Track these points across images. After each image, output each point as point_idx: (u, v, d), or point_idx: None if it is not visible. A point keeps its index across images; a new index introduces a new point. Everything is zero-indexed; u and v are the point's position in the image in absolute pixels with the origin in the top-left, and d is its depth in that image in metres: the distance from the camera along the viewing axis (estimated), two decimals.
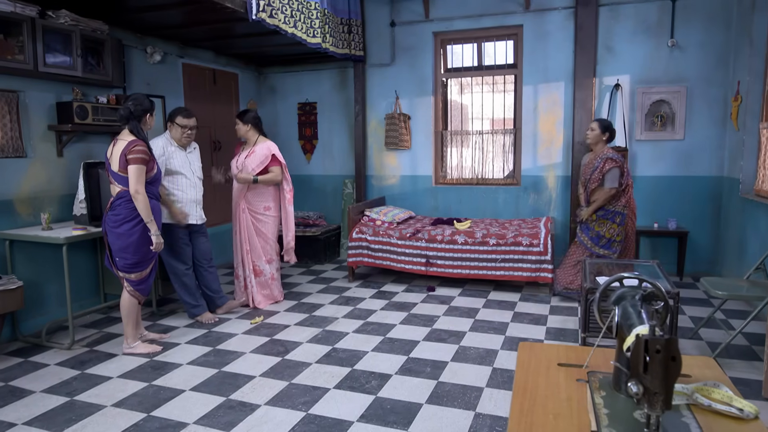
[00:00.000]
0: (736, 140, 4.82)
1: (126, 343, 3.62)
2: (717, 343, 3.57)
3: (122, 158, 3.34)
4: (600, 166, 4.24)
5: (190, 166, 4.12)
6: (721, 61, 5.10)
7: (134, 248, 3.44)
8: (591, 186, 4.29)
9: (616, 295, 1.40)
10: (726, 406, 1.25)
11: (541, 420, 1.22)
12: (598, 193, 4.28)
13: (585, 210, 4.37)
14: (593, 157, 4.35)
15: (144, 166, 3.37)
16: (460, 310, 4.46)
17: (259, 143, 4.48)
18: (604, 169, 4.21)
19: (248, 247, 4.55)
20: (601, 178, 4.24)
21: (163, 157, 3.96)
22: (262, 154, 4.44)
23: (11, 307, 3.50)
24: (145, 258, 3.51)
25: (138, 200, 3.35)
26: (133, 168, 3.33)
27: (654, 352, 1.02)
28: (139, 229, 3.42)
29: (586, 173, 4.38)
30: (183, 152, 4.12)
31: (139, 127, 3.46)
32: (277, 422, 2.68)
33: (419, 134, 6.28)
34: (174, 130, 4.04)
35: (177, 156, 4.05)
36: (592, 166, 4.31)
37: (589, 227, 4.37)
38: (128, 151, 3.34)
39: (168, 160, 3.99)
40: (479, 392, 2.96)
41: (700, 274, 5.28)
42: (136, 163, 3.33)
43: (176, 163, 4.03)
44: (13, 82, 3.84)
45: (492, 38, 6.01)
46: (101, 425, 2.69)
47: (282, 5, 4.45)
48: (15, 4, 3.62)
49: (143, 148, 3.38)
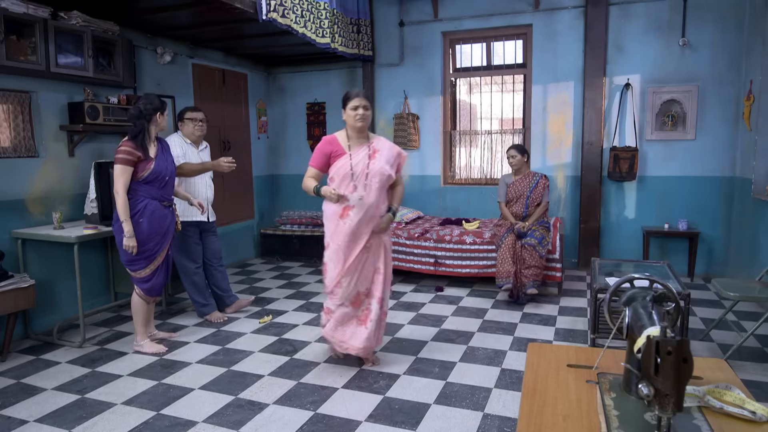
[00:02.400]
0: (748, 140, 4.77)
1: (136, 340, 3.65)
2: (728, 344, 3.54)
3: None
4: (541, 183, 4.80)
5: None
6: (733, 61, 5.04)
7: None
8: (536, 200, 4.80)
9: (627, 296, 1.39)
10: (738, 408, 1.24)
11: (551, 421, 1.22)
12: (541, 207, 4.81)
13: (527, 221, 4.77)
14: (523, 177, 4.85)
15: (126, 166, 3.35)
16: (469, 310, 4.45)
17: (374, 139, 3.23)
18: (544, 186, 4.80)
19: (382, 271, 3.26)
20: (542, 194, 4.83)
21: (181, 152, 4.01)
22: (390, 155, 3.19)
23: (23, 305, 3.53)
24: (143, 255, 3.48)
25: (116, 198, 3.37)
26: (116, 167, 3.36)
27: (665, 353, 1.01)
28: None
29: (523, 190, 4.82)
30: (196, 150, 4.16)
31: (141, 128, 3.42)
32: (285, 421, 2.69)
33: (428, 134, 6.27)
34: (186, 126, 4.11)
35: (190, 153, 4.11)
36: (528, 185, 4.81)
37: (533, 231, 4.66)
38: (115, 151, 3.37)
39: (185, 156, 4.05)
40: (488, 393, 2.95)
41: (712, 275, 5.23)
42: (118, 162, 3.35)
43: (190, 160, 4.07)
44: (25, 83, 3.88)
45: (501, 38, 5.99)
46: (111, 423, 2.71)
47: (293, 5, 4.47)
48: (27, 6, 3.65)
49: (128, 149, 3.35)
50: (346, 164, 3.10)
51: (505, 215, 4.90)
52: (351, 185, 3.08)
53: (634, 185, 5.50)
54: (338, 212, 3.11)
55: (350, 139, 3.18)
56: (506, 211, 4.89)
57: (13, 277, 3.53)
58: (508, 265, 4.52)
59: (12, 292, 3.43)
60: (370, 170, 3.10)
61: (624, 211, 5.60)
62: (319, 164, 3.17)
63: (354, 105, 3.09)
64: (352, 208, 3.07)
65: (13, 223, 3.85)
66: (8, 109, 3.82)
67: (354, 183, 3.09)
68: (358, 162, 3.11)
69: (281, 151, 7.10)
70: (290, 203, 7.08)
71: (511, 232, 4.64)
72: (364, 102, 3.10)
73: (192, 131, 4.12)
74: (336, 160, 3.13)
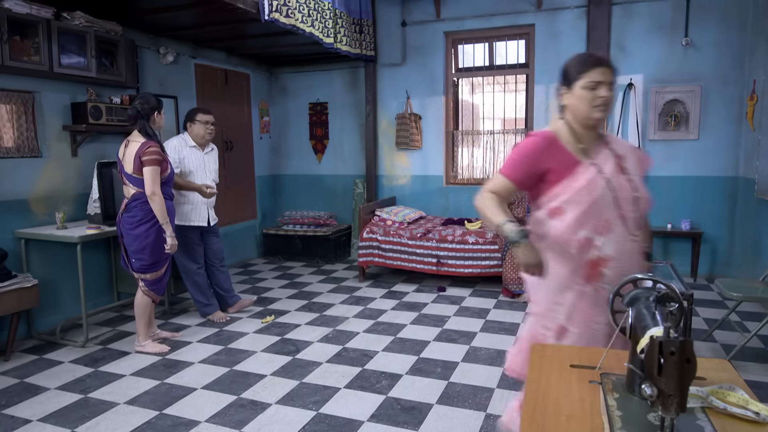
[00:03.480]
0: (751, 140, 4.75)
1: (138, 341, 3.66)
2: (731, 345, 3.53)
3: (137, 160, 3.37)
4: None
5: (204, 167, 4.16)
6: (736, 60, 5.03)
7: (151, 249, 3.47)
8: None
9: (630, 296, 1.39)
10: (742, 409, 1.23)
11: (554, 421, 1.21)
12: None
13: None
14: None
15: (159, 167, 3.40)
16: (471, 310, 4.45)
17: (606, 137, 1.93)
18: None
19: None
20: None
21: (177, 158, 3.99)
22: (637, 160, 1.93)
23: (27, 305, 3.55)
24: (161, 258, 3.54)
25: (155, 202, 3.37)
26: (149, 170, 3.35)
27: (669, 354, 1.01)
28: (155, 230, 3.45)
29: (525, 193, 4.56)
30: (200, 153, 4.16)
31: (148, 127, 3.47)
32: (288, 421, 2.69)
33: (430, 134, 6.27)
34: (196, 127, 4.09)
35: (193, 157, 4.10)
36: None
37: None
38: (142, 153, 3.36)
39: (182, 161, 4.02)
40: (490, 393, 2.95)
41: (715, 275, 5.22)
42: (151, 164, 3.35)
43: (191, 163, 4.07)
44: (28, 83, 3.89)
45: (503, 38, 5.98)
46: (114, 422, 2.71)
47: (298, 4, 4.47)
48: (31, 6, 3.66)
49: (157, 149, 3.40)
50: (597, 181, 1.75)
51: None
52: (604, 220, 1.75)
53: None
54: (578, 275, 1.78)
55: (580, 140, 1.82)
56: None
57: (17, 276, 3.54)
58: (517, 271, 4.54)
59: (15, 292, 3.44)
60: (640, 192, 1.81)
61: None
62: (518, 174, 1.84)
63: (594, 80, 1.75)
64: (608, 263, 1.76)
65: (17, 223, 3.86)
66: (12, 109, 3.83)
67: (620, 213, 1.76)
68: (611, 177, 1.77)
69: (283, 151, 7.11)
70: (292, 203, 7.09)
71: None
72: (610, 77, 1.76)
73: (202, 134, 4.10)
74: (561, 173, 1.79)
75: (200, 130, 4.09)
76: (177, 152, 4.02)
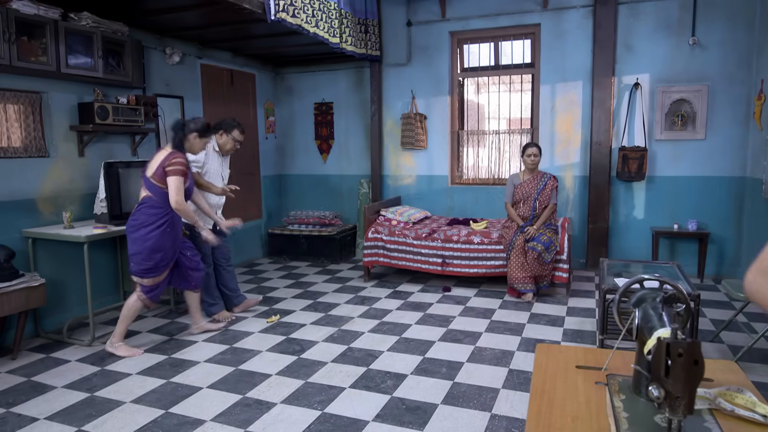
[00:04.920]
0: (759, 140, 4.72)
1: (112, 340, 3.61)
2: (738, 346, 3.50)
3: (160, 168, 3.41)
4: (550, 184, 4.73)
5: (221, 171, 4.25)
6: (743, 60, 5.00)
7: (147, 254, 3.47)
8: (544, 203, 4.74)
9: (636, 297, 1.38)
10: (749, 411, 1.22)
11: (559, 422, 1.21)
12: (548, 209, 4.74)
13: (534, 225, 4.70)
14: (532, 178, 4.77)
15: (183, 177, 3.45)
16: (476, 310, 4.44)
17: None
18: (552, 187, 4.74)
19: None
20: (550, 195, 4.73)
21: (199, 164, 4.06)
22: None
23: (34, 304, 3.57)
24: (159, 264, 3.53)
25: (181, 211, 3.46)
26: (173, 179, 3.40)
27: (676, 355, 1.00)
28: (154, 235, 3.45)
29: (530, 192, 4.75)
30: (220, 158, 4.25)
31: (180, 142, 3.55)
32: (293, 421, 2.70)
33: (435, 134, 6.27)
34: (227, 140, 4.17)
35: (214, 160, 4.17)
36: (536, 186, 4.73)
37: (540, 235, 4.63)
38: (168, 163, 3.41)
39: (206, 161, 4.11)
40: (495, 393, 2.95)
41: (722, 276, 5.19)
42: (176, 174, 3.41)
43: (211, 166, 4.15)
44: (36, 83, 3.92)
45: (509, 37, 5.97)
46: (120, 421, 2.72)
47: (304, 4, 4.48)
48: (38, 7, 3.69)
49: (183, 160, 3.46)
50: None
51: (511, 217, 4.87)
52: None
53: (643, 185, 5.47)
54: None
55: None
56: (513, 212, 4.84)
57: (24, 276, 3.57)
58: (523, 270, 4.53)
59: (23, 291, 3.46)
60: None
61: (633, 211, 5.56)
62: None
63: None
64: None
65: (24, 223, 3.89)
66: (19, 109, 3.86)
67: None
68: None
69: (289, 151, 7.12)
70: (298, 203, 7.10)
71: (521, 233, 4.64)
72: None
73: (229, 147, 4.21)
74: None
75: (229, 144, 4.18)
76: (203, 152, 4.08)
